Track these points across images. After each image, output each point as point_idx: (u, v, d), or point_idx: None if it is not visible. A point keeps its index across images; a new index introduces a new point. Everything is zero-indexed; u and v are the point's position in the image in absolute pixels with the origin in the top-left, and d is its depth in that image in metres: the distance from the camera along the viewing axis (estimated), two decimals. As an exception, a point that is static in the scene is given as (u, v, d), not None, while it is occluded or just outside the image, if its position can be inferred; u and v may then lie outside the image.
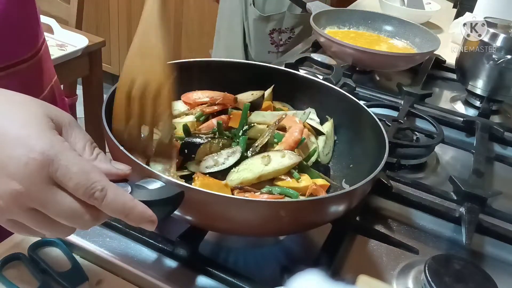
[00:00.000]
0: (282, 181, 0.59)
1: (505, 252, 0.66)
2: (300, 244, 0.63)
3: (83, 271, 0.54)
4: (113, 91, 0.61)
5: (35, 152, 0.37)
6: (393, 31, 1.23)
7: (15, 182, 0.37)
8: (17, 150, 0.37)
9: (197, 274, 0.54)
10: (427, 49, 1.11)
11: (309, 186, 0.59)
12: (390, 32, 1.23)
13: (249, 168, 0.59)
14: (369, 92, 1.03)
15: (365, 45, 1.12)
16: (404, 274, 0.59)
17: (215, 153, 0.61)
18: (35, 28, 0.73)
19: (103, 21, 2.87)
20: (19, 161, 0.37)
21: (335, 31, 1.24)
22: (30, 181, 0.37)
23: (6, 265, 0.53)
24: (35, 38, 0.73)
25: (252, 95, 0.72)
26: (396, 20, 1.24)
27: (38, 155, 0.37)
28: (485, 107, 1.03)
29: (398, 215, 0.70)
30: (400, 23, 1.23)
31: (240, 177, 0.58)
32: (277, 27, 1.67)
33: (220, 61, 0.76)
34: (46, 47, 0.78)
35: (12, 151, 0.37)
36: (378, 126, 0.64)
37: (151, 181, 0.47)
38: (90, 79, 1.72)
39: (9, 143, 0.37)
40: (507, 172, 0.85)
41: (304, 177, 0.60)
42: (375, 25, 1.25)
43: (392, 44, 1.21)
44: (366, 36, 1.24)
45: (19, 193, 0.37)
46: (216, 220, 0.51)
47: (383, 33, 1.24)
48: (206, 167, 0.59)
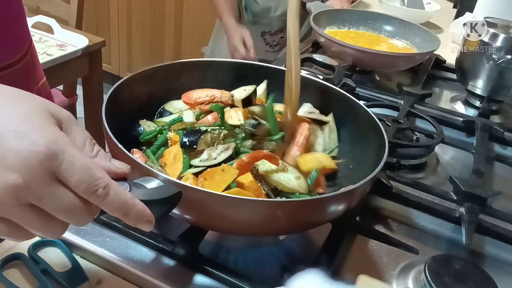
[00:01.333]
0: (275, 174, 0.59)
1: (505, 252, 0.66)
2: (300, 244, 0.63)
3: (83, 271, 0.54)
4: (113, 91, 0.61)
5: (38, 146, 0.36)
6: (393, 31, 1.23)
7: (14, 175, 0.36)
8: (18, 143, 0.36)
9: (197, 274, 0.54)
10: (427, 49, 1.11)
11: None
12: (390, 32, 1.24)
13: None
14: (369, 92, 1.03)
15: (365, 45, 1.12)
16: (404, 274, 0.59)
17: (212, 147, 0.61)
18: (22, 31, 0.71)
19: (103, 21, 2.87)
20: (19, 154, 0.36)
21: (335, 31, 1.24)
22: (31, 174, 0.36)
23: (6, 265, 0.53)
24: (22, 41, 0.71)
25: (245, 91, 0.72)
26: (396, 20, 1.24)
27: (42, 148, 0.36)
28: (485, 107, 1.03)
29: (398, 215, 0.70)
30: (400, 23, 1.23)
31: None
32: (267, 30, 1.71)
33: (220, 61, 0.76)
34: (34, 49, 0.76)
35: (12, 144, 0.36)
36: (378, 126, 0.64)
37: (149, 179, 0.47)
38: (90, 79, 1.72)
39: (8, 136, 0.37)
40: (507, 172, 0.85)
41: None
42: (375, 25, 1.25)
43: (392, 44, 1.21)
44: (366, 36, 1.24)
45: (18, 186, 0.36)
46: (215, 219, 0.51)
47: (383, 33, 1.24)
48: (200, 161, 0.59)
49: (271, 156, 0.59)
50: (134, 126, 0.66)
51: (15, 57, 0.69)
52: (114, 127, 0.55)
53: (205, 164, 0.58)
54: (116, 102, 0.61)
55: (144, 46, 2.84)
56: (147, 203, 0.43)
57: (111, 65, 2.94)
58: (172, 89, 0.72)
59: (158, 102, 0.72)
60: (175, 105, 0.72)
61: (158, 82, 0.70)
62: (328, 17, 1.23)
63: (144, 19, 2.75)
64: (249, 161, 0.57)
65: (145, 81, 0.68)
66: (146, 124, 0.67)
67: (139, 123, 0.67)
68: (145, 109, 0.69)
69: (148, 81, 0.68)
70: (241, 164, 0.57)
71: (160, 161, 0.61)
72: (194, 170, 0.58)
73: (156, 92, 0.70)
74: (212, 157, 0.59)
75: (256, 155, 0.58)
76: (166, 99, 0.72)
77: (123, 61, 2.94)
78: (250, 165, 0.57)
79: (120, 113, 0.62)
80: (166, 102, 0.72)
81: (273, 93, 0.76)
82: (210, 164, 0.58)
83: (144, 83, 0.68)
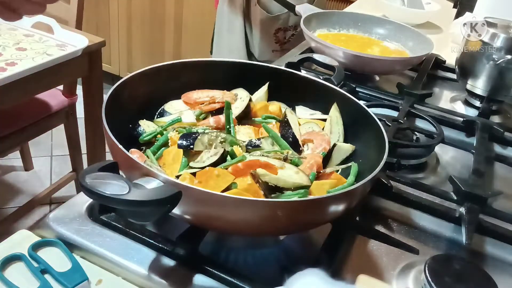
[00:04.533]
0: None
1: (505, 252, 0.66)
2: (300, 244, 0.63)
3: (83, 271, 0.54)
4: (113, 91, 0.61)
5: None
6: (383, 34, 1.23)
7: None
8: None
9: (197, 274, 0.54)
10: (420, 51, 1.10)
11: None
12: (381, 35, 1.23)
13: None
14: (369, 92, 1.03)
15: (357, 48, 1.11)
16: (404, 274, 0.59)
17: (210, 149, 0.61)
18: None
19: (103, 21, 2.87)
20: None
21: (326, 34, 1.23)
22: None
23: (6, 265, 0.53)
24: None
25: (237, 109, 0.71)
26: (386, 22, 1.24)
27: None
28: (485, 107, 1.03)
29: (398, 215, 0.70)
30: (390, 25, 1.23)
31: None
32: (282, 26, 1.67)
33: (220, 61, 0.76)
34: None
35: None
36: (378, 126, 0.64)
37: (149, 179, 0.47)
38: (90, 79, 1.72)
39: None
40: (507, 172, 0.86)
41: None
42: (365, 27, 1.25)
43: (384, 46, 1.20)
44: (357, 38, 1.23)
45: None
46: (215, 219, 0.51)
47: (374, 35, 1.23)
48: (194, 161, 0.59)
49: (268, 165, 0.58)
50: (134, 126, 0.66)
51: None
52: (114, 127, 0.55)
53: (195, 166, 0.59)
54: (116, 102, 0.61)
55: (144, 46, 2.84)
56: (147, 203, 0.43)
57: (111, 65, 2.94)
58: (172, 89, 0.72)
59: (158, 102, 0.72)
60: (175, 106, 0.72)
61: (158, 82, 0.70)
62: (318, 20, 1.22)
63: (144, 19, 2.75)
64: (244, 169, 0.57)
65: (145, 81, 0.68)
66: (146, 124, 0.67)
67: (139, 123, 0.67)
68: (145, 109, 0.69)
69: (148, 81, 0.68)
70: (237, 170, 0.57)
71: (159, 161, 0.62)
72: (190, 171, 0.58)
73: (156, 92, 0.70)
74: (202, 159, 0.59)
75: (251, 163, 0.58)
76: (166, 99, 0.72)
77: (123, 61, 2.94)
78: (246, 172, 0.57)
79: (120, 113, 0.62)
80: (166, 102, 0.72)
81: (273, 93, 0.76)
82: (198, 166, 0.58)
83: (144, 83, 0.68)
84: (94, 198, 0.44)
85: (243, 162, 0.58)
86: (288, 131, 0.67)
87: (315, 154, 0.65)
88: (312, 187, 0.59)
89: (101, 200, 0.44)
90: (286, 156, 0.62)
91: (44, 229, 0.58)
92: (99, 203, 0.61)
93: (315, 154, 0.65)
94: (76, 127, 1.87)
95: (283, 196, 0.57)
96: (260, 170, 0.57)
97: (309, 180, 0.59)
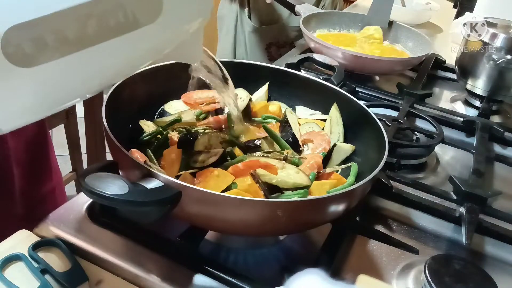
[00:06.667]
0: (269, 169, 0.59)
1: (505, 252, 0.66)
2: (300, 244, 0.63)
3: (83, 271, 0.53)
4: (113, 91, 0.61)
5: None
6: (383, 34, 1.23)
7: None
8: None
9: (197, 274, 0.54)
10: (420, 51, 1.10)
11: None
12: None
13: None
14: (369, 92, 1.03)
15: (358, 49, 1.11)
16: (404, 274, 0.59)
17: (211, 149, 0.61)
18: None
19: (103, 21, 2.86)
20: None
21: (325, 34, 1.23)
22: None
23: (6, 265, 0.53)
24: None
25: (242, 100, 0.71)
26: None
27: None
28: (485, 107, 1.03)
29: (398, 215, 0.70)
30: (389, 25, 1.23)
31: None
32: (274, 40, 1.56)
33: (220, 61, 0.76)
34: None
35: None
36: (378, 126, 0.64)
37: (149, 179, 0.47)
38: (90, 79, 1.72)
39: None
40: (507, 172, 0.86)
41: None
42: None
43: (384, 46, 1.20)
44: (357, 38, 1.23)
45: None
46: (215, 219, 0.51)
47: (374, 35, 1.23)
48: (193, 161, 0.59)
49: (268, 165, 0.58)
50: (134, 126, 0.66)
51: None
52: (114, 127, 0.55)
53: (195, 166, 0.59)
54: (116, 102, 0.61)
55: (144, 46, 2.83)
56: (147, 203, 0.43)
57: (111, 65, 2.93)
58: (172, 89, 0.72)
59: (158, 102, 0.72)
60: (175, 106, 0.72)
61: (158, 82, 0.70)
62: (317, 20, 1.22)
63: (144, 19, 2.75)
64: (244, 169, 0.57)
65: (145, 81, 0.68)
66: (146, 124, 0.67)
67: (139, 123, 0.67)
68: (145, 109, 0.69)
69: (148, 81, 0.68)
70: (237, 170, 0.57)
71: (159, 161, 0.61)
72: (190, 171, 0.58)
73: (156, 92, 0.70)
74: (202, 159, 0.59)
75: (251, 164, 0.58)
76: (166, 99, 0.72)
77: (123, 61, 2.94)
78: (245, 172, 0.57)
79: (120, 113, 0.62)
80: (166, 102, 0.72)
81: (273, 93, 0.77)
82: (198, 166, 0.59)
83: (144, 83, 0.68)
84: (94, 198, 0.44)
85: (243, 162, 0.58)
86: (288, 131, 0.67)
87: (315, 154, 0.65)
88: (312, 187, 0.59)
89: (101, 200, 0.44)
90: (286, 156, 0.62)
91: (44, 229, 0.58)
92: (99, 203, 0.61)
93: (315, 154, 0.65)
94: (76, 127, 1.86)
95: (283, 196, 0.57)
96: (260, 170, 0.57)
97: (309, 180, 0.59)
